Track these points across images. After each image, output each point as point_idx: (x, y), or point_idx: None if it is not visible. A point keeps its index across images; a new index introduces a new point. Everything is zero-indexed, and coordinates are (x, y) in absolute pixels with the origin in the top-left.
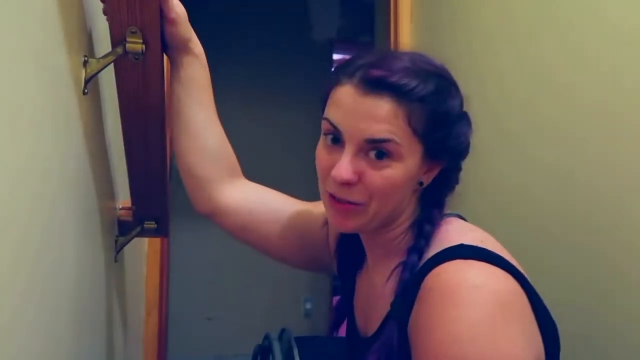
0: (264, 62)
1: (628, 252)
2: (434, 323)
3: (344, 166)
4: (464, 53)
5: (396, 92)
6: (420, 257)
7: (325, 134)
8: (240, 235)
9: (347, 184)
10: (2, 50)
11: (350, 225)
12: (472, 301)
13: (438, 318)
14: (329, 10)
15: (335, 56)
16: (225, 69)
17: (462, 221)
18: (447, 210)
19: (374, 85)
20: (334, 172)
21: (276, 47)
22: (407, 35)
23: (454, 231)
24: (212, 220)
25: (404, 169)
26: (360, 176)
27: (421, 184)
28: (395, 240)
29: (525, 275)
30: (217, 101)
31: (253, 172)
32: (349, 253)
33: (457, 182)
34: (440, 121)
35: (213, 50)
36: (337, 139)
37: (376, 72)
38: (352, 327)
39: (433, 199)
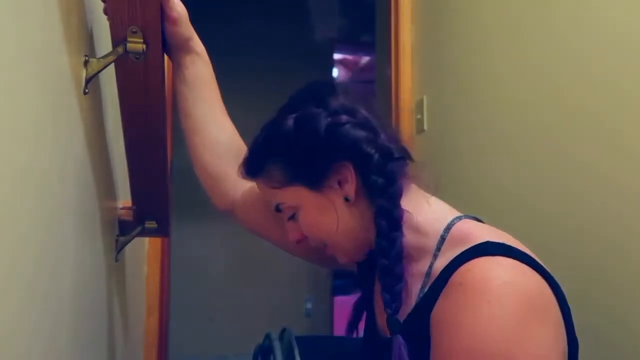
0: (265, 62)
1: (620, 258)
2: (463, 318)
3: (288, 233)
4: (464, 53)
5: (252, 172)
6: (389, 273)
7: None
8: (259, 231)
9: (300, 240)
10: (3, 50)
11: (344, 260)
12: (503, 299)
13: (468, 313)
14: (330, 9)
15: (337, 56)
16: (226, 69)
17: (478, 222)
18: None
19: (246, 176)
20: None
21: (277, 46)
22: (408, 34)
23: (476, 230)
24: (231, 216)
25: (307, 209)
26: (300, 231)
27: (347, 199)
28: None
29: (550, 272)
30: None
31: None
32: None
33: (385, 176)
34: (284, 158)
35: (213, 50)
36: None
37: (240, 166)
38: (373, 325)
39: (376, 210)
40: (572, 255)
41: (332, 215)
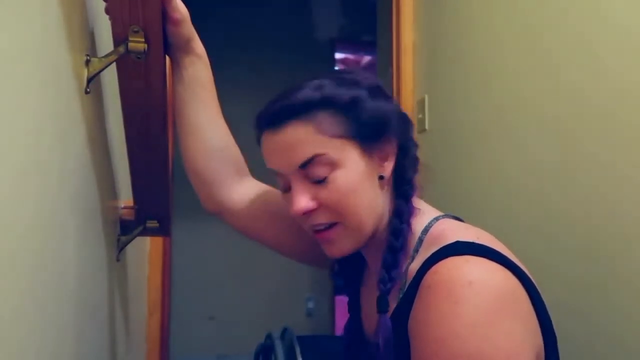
0: (266, 62)
1: (627, 255)
2: (432, 320)
3: (296, 200)
4: (466, 52)
5: (294, 113)
6: (395, 253)
7: (278, 184)
8: (250, 234)
9: (309, 212)
10: (4, 49)
11: (344, 248)
12: (468, 297)
13: (436, 315)
14: (331, 9)
15: (338, 55)
16: (227, 69)
17: (456, 221)
18: (420, 204)
19: (276, 120)
20: (292, 211)
21: (278, 46)
22: (409, 33)
23: (449, 230)
24: (221, 219)
25: (347, 171)
26: (316, 200)
27: (382, 177)
28: (384, 239)
29: (524, 269)
30: (219, 101)
31: (254, 171)
32: (350, 260)
33: (413, 167)
34: (350, 110)
35: (214, 50)
36: (286, 183)
37: (272, 107)
38: (358, 329)
39: (397, 191)
40: (580, 252)
41: (370, 185)
